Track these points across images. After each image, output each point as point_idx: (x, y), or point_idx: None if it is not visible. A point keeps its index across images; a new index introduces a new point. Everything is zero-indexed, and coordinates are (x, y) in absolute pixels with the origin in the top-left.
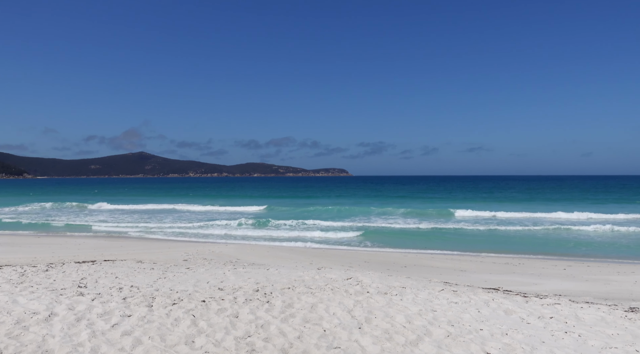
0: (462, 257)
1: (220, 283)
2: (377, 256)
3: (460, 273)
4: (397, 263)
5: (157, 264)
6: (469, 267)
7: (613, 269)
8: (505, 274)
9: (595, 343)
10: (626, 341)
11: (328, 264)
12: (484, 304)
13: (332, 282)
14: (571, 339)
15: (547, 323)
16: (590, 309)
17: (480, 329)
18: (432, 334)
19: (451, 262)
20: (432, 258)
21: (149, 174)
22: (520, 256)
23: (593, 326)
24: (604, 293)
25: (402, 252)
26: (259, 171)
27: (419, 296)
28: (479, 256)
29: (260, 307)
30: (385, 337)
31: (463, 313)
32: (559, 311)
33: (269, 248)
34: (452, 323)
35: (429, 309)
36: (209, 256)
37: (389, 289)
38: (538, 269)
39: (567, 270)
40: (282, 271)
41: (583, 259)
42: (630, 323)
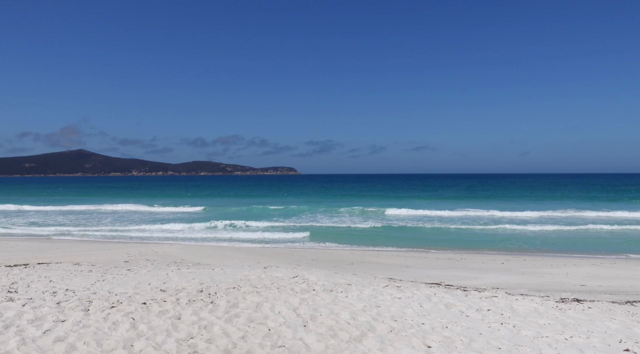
0: (407, 254)
1: (163, 284)
2: (324, 254)
3: (405, 269)
4: (344, 261)
5: (95, 266)
6: (414, 263)
7: (547, 262)
8: (447, 270)
9: (528, 333)
10: (556, 330)
11: (275, 263)
12: (426, 299)
13: (278, 280)
14: (506, 330)
15: (485, 315)
16: (525, 300)
17: (422, 324)
18: (375, 329)
19: (397, 258)
20: (378, 255)
21: (88, 172)
22: (463, 252)
23: (527, 316)
24: (537, 285)
25: (349, 250)
26: (206, 169)
27: (363, 292)
28: (423, 252)
29: (204, 308)
30: (330, 334)
31: (406, 307)
32: (496, 303)
33: (215, 248)
34: (395, 318)
35: (373, 305)
36: (152, 257)
37: (335, 287)
38: (478, 264)
39: (505, 264)
40: (227, 271)
41: (520, 253)
42: (561, 312)
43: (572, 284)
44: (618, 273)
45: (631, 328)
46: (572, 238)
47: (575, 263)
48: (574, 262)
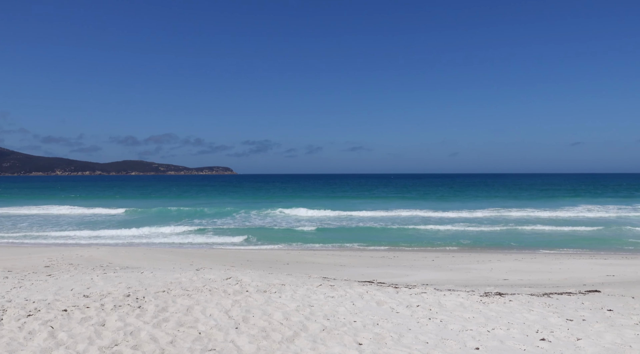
0: (342, 253)
1: (87, 290)
2: (260, 254)
3: (340, 267)
4: (280, 261)
5: (12, 272)
6: (349, 262)
7: (474, 258)
8: (381, 267)
9: (454, 327)
10: (480, 323)
11: (209, 265)
12: (359, 297)
13: (210, 282)
14: (434, 324)
15: (414, 311)
16: (452, 296)
17: (354, 321)
18: (308, 329)
19: (332, 258)
20: (314, 255)
21: (7, 172)
22: (396, 250)
23: (453, 311)
24: (464, 280)
25: (285, 250)
26: (137, 169)
27: (297, 292)
28: (358, 251)
29: (131, 313)
30: (262, 335)
31: (339, 306)
32: (425, 299)
33: (146, 250)
34: (328, 317)
35: (306, 304)
36: (76, 261)
37: (269, 287)
38: (410, 261)
39: (435, 261)
40: (157, 274)
41: (449, 251)
42: (484, 306)
43: (496, 278)
44: (537, 267)
45: (547, 319)
46: (498, 236)
47: (499, 259)
48: (498, 258)
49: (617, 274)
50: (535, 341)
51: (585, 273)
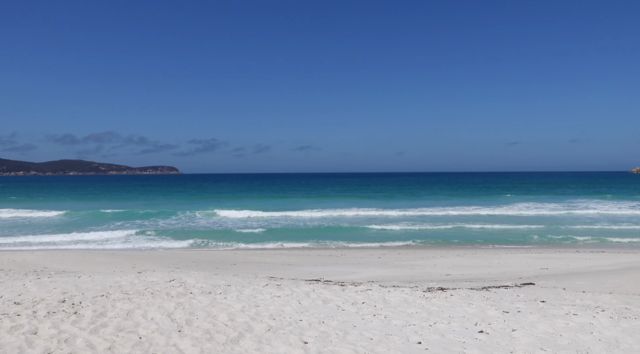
0: (290, 252)
1: (18, 297)
2: (206, 255)
3: (287, 267)
4: (227, 261)
5: None
6: (297, 261)
7: (418, 255)
8: (328, 266)
9: (398, 322)
10: (422, 318)
11: (152, 267)
12: (305, 296)
13: (152, 285)
14: (378, 321)
15: (360, 308)
16: (396, 292)
17: (300, 320)
18: (253, 329)
19: (280, 257)
20: (262, 254)
21: None
22: (344, 248)
23: (397, 307)
24: (409, 276)
25: (231, 250)
26: (76, 169)
27: (243, 292)
28: (306, 250)
29: (66, 319)
30: (206, 337)
31: (285, 305)
32: (370, 296)
33: (84, 253)
34: (274, 317)
35: (252, 305)
36: (8, 266)
37: (214, 288)
38: (357, 259)
39: (382, 258)
40: (96, 278)
41: (395, 248)
42: (427, 301)
43: (439, 274)
44: (478, 262)
45: (485, 311)
46: (442, 233)
47: (443, 255)
48: (441, 255)
49: (551, 267)
50: (474, 334)
51: (521, 267)
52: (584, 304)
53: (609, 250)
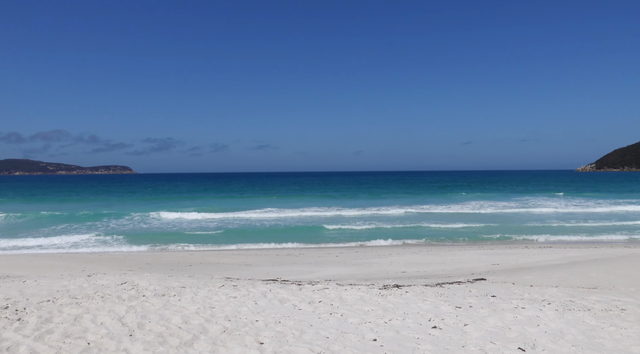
0: (248, 252)
1: None
2: (161, 257)
3: (245, 267)
4: (183, 263)
5: None
6: (254, 261)
7: (375, 253)
8: (286, 265)
9: (354, 320)
10: (378, 315)
11: (103, 270)
12: (262, 296)
13: (103, 289)
14: (335, 319)
15: (316, 307)
16: (353, 290)
17: (256, 321)
18: (208, 331)
19: (238, 257)
20: (219, 255)
21: None
22: (302, 247)
23: (353, 305)
24: (366, 274)
25: (188, 251)
26: (22, 168)
27: (198, 294)
28: (264, 250)
29: (8, 326)
30: (159, 341)
31: (241, 306)
32: (327, 294)
33: (30, 257)
34: (230, 318)
35: (207, 306)
36: None
37: (167, 291)
38: (316, 258)
39: (340, 257)
40: (42, 282)
41: (353, 246)
42: (383, 298)
43: (395, 271)
44: (432, 259)
45: (439, 307)
46: (400, 231)
47: (399, 253)
48: (398, 252)
49: (501, 263)
50: (428, 329)
51: (474, 263)
52: (532, 298)
53: (557, 246)
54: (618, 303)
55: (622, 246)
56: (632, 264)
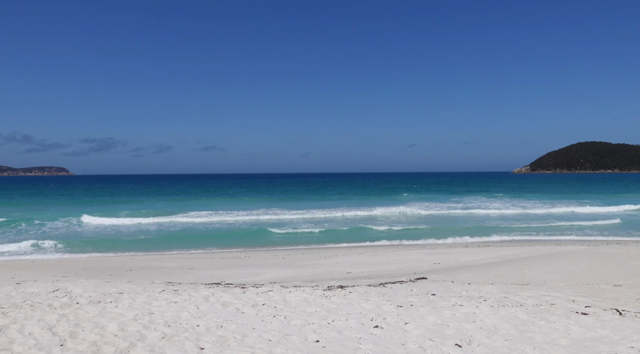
0: (192, 256)
1: None
2: (99, 262)
3: (189, 271)
4: (122, 268)
5: None
6: (199, 264)
7: (322, 254)
8: (231, 268)
9: (297, 322)
10: (321, 316)
11: (35, 277)
12: (204, 300)
13: (33, 297)
14: (278, 321)
15: (260, 310)
16: (297, 292)
17: (197, 326)
18: (146, 338)
19: (181, 261)
20: (161, 259)
21: None
22: (248, 250)
23: (297, 306)
24: (311, 276)
25: (129, 256)
26: None
27: (136, 300)
28: (209, 253)
29: None
30: (92, 350)
31: (182, 311)
32: (271, 297)
33: None
34: (169, 324)
35: (146, 312)
36: None
37: (104, 297)
38: (261, 260)
39: (286, 259)
40: None
41: (300, 248)
42: (326, 299)
43: (340, 272)
44: (377, 259)
45: (381, 307)
46: (345, 233)
47: (345, 254)
48: (343, 253)
49: (442, 262)
50: (370, 329)
51: (416, 263)
52: (469, 295)
53: (494, 245)
54: (548, 298)
55: (554, 244)
56: (561, 261)
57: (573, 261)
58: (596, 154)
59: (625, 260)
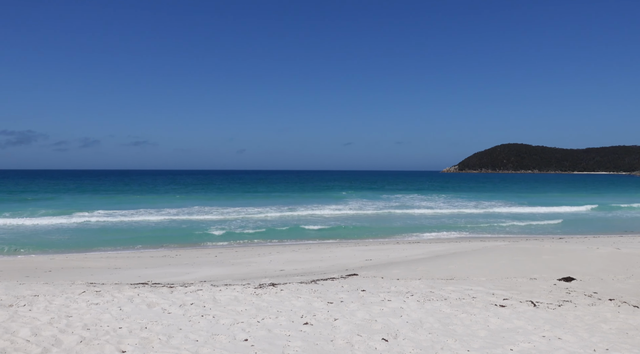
0: (119, 255)
1: None
2: (14, 263)
3: (114, 271)
4: (40, 269)
5: None
6: (126, 264)
7: (255, 252)
8: (161, 267)
9: (226, 321)
10: (251, 315)
11: None
12: (128, 301)
13: None
14: (206, 321)
15: (187, 310)
16: (227, 290)
17: (120, 328)
18: (62, 343)
19: (107, 261)
20: (85, 259)
21: None
22: (179, 248)
23: (227, 305)
24: (244, 274)
25: (48, 255)
26: None
27: (53, 302)
28: (137, 252)
29: None
30: None
31: (103, 313)
32: (200, 296)
33: None
34: (89, 327)
35: (63, 315)
36: None
37: (16, 300)
38: (193, 259)
39: (218, 257)
40: None
41: (234, 245)
42: (257, 297)
43: (274, 270)
44: (311, 256)
45: (312, 304)
46: (285, 233)
47: (279, 251)
48: (277, 251)
49: (374, 258)
50: (300, 326)
51: (349, 259)
52: (397, 290)
53: (424, 241)
54: (470, 292)
55: (479, 240)
56: (484, 256)
57: (494, 256)
58: (518, 155)
59: (540, 255)
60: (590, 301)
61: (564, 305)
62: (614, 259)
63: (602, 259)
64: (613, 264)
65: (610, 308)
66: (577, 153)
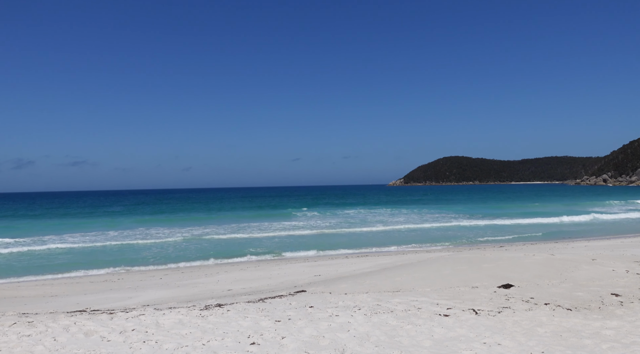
0: (55, 282)
1: None
2: None
3: (50, 299)
4: None
5: None
6: (63, 290)
7: (202, 272)
8: (101, 293)
9: (169, 346)
10: (196, 338)
11: None
12: (64, 331)
13: None
14: (148, 347)
15: (128, 336)
16: (172, 313)
17: None
18: None
19: (42, 288)
20: (18, 287)
21: None
22: (122, 271)
23: (171, 329)
24: (190, 295)
25: None
26: None
27: None
28: (77, 277)
29: None
30: None
31: (36, 345)
32: (142, 321)
33: None
34: None
35: None
36: None
37: None
38: (136, 282)
39: (163, 279)
40: None
41: (179, 267)
42: (203, 319)
43: (221, 290)
44: (260, 274)
45: (259, 323)
46: (227, 249)
47: (227, 270)
48: (225, 270)
49: (323, 274)
50: (246, 346)
51: (298, 276)
52: (345, 305)
53: (372, 255)
54: (415, 303)
55: (424, 252)
56: (429, 267)
57: (438, 266)
58: (460, 168)
59: (480, 263)
60: (527, 306)
61: (503, 311)
62: (549, 265)
63: (538, 266)
64: (548, 270)
65: (546, 312)
66: (514, 164)
